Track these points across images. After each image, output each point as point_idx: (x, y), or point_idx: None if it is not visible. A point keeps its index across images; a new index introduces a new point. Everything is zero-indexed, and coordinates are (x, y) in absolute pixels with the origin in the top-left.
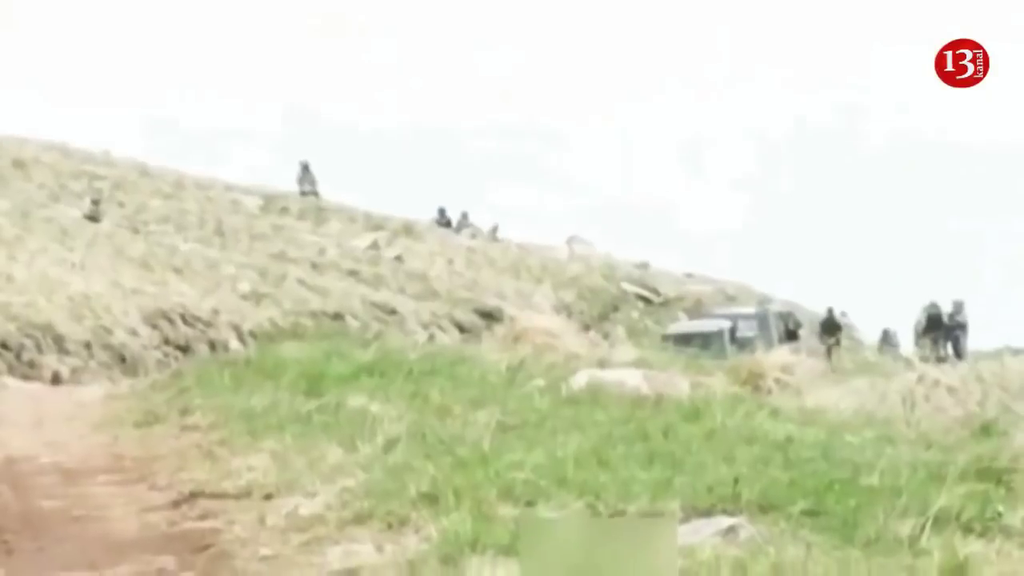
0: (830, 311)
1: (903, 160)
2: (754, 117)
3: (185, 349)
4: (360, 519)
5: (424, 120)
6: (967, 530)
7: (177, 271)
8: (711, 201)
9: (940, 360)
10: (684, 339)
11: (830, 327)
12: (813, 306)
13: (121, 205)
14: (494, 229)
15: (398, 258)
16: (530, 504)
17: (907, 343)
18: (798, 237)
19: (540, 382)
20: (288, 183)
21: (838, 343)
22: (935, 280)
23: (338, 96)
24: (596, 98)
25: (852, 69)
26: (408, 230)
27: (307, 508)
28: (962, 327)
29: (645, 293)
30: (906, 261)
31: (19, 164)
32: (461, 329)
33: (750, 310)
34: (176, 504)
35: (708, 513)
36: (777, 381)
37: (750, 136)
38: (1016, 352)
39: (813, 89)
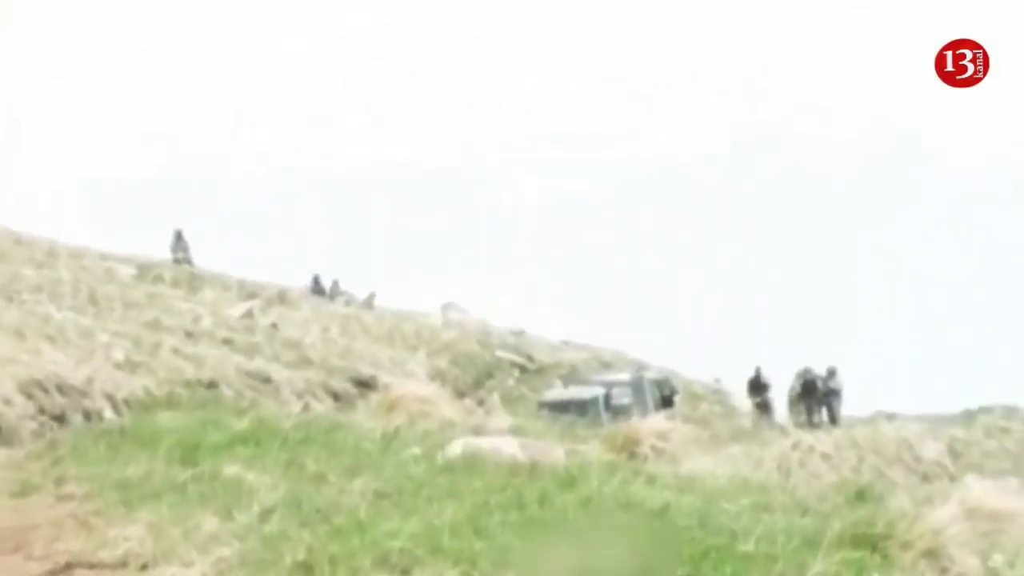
0: (757, 370)
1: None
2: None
3: (60, 418)
4: None
5: None
6: None
7: (51, 340)
8: None
9: (814, 426)
10: (559, 406)
11: (756, 386)
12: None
13: None
14: (370, 297)
15: (273, 326)
16: (406, 573)
17: (781, 409)
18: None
19: (416, 450)
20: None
21: (765, 403)
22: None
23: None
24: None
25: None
26: (282, 298)
27: None
28: (836, 393)
29: (520, 360)
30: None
31: None
32: (336, 397)
33: (625, 376)
34: (52, 574)
35: None
36: (653, 448)
37: None
38: (890, 417)
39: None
